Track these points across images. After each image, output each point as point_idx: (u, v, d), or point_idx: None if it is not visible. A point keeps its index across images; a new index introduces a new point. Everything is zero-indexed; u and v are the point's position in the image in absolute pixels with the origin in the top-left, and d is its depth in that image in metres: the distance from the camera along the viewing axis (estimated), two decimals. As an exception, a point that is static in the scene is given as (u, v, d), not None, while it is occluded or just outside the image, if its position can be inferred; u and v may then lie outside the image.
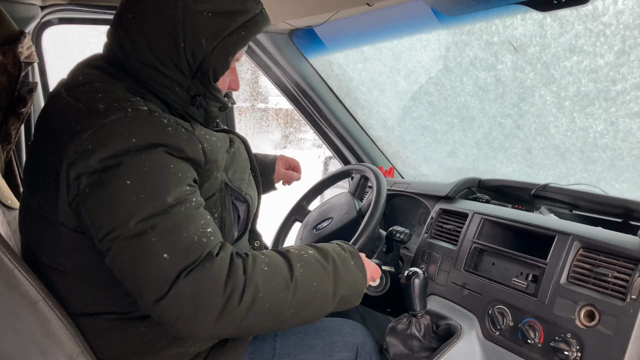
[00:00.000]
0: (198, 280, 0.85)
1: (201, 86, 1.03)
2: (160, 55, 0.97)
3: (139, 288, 0.86)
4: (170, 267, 0.84)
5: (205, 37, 0.97)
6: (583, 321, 1.08)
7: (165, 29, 0.96)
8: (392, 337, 1.34)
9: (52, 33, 1.87)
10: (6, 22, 1.32)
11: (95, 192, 0.86)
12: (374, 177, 1.55)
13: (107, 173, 0.86)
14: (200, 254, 0.87)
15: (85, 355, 0.93)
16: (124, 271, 0.87)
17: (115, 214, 0.85)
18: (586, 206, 1.47)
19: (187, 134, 0.95)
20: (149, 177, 0.87)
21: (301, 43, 2.20)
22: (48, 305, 0.90)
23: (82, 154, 0.87)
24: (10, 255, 0.87)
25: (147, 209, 0.85)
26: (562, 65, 1.59)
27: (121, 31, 1.00)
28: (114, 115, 0.89)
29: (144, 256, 0.84)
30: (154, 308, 0.85)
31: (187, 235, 0.87)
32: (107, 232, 0.86)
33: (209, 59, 0.99)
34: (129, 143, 0.87)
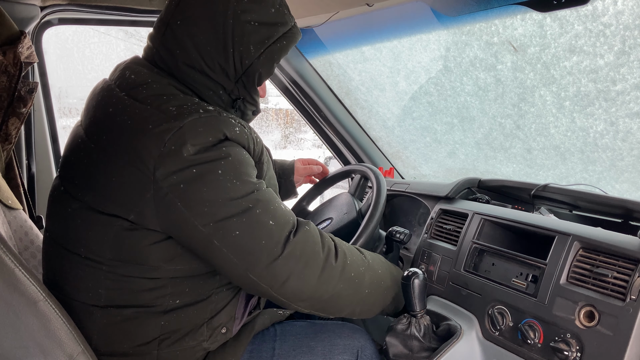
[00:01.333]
0: (304, 240, 1.00)
1: (244, 90, 1.12)
2: (209, 60, 1.05)
3: (252, 257, 0.96)
4: (278, 232, 0.98)
5: (253, 44, 1.06)
6: (583, 321, 1.08)
7: (215, 36, 1.04)
8: (392, 338, 1.34)
9: (52, 33, 1.88)
10: (6, 22, 1.32)
11: (192, 186, 0.94)
12: (373, 177, 1.55)
13: (197, 168, 0.94)
14: (293, 219, 1.03)
15: (85, 354, 0.93)
16: (235, 245, 0.96)
17: (217, 199, 0.95)
18: (586, 206, 1.47)
19: (248, 133, 1.05)
20: (234, 165, 0.98)
21: (301, 43, 2.20)
22: (48, 305, 0.90)
23: (167, 155, 0.94)
24: (10, 255, 0.87)
25: (243, 190, 0.97)
26: (562, 66, 1.59)
27: (169, 36, 1.06)
28: (189, 117, 0.97)
29: (255, 227, 0.96)
30: (266, 271, 0.97)
31: (279, 205, 1.02)
32: (214, 216, 0.95)
33: (256, 64, 1.08)
34: (208, 140, 0.96)
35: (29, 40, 1.38)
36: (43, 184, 1.94)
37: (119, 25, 2.19)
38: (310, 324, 1.29)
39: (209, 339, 1.10)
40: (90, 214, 0.99)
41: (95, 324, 1.02)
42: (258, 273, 0.97)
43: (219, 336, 1.12)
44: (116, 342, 1.03)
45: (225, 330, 1.12)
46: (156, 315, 1.03)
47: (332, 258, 1.03)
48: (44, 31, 1.83)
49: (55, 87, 2.00)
